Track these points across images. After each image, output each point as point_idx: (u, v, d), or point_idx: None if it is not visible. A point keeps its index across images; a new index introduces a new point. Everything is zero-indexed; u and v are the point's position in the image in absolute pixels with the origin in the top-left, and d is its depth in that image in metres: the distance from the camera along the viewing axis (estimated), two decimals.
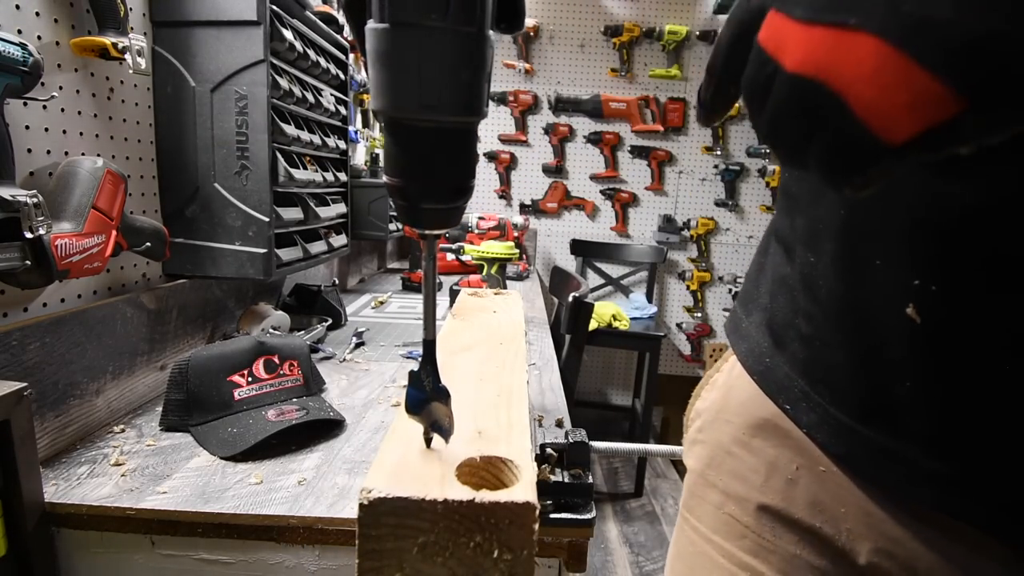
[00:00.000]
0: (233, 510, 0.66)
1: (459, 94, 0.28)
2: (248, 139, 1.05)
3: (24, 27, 0.76)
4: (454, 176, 0.31)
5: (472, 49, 0.27)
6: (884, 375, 0.36)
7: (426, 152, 0.30)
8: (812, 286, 0.41)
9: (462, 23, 0.26)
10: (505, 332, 0.72)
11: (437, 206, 0.31)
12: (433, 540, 0.33)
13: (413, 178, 0.30)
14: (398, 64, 0.27)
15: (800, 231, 0.42)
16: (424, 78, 0.27)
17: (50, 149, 0.81)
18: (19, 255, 0.70)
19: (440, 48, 0.26)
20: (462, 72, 0.27)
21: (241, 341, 0.92)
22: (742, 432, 0.45)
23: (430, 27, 0.26)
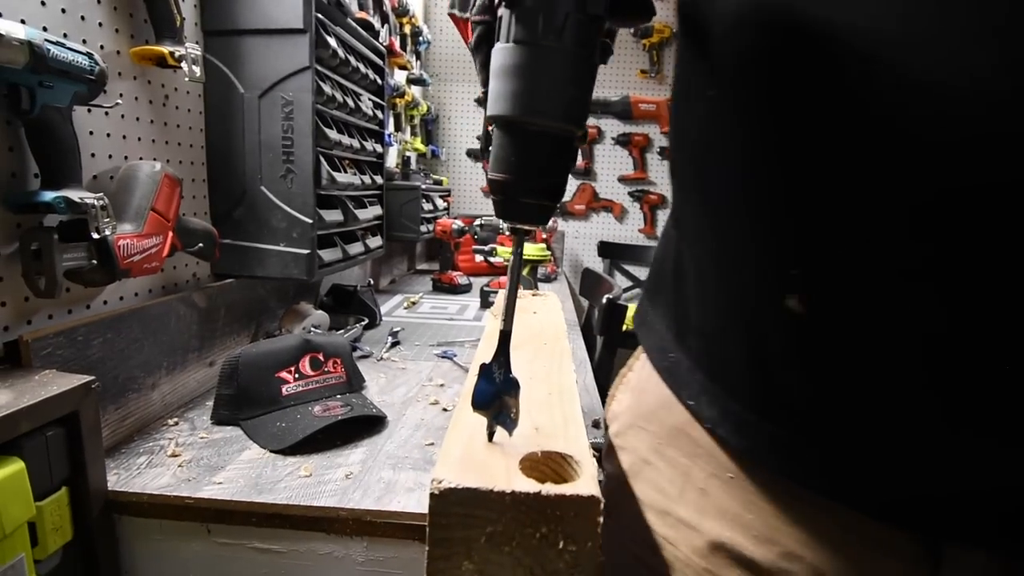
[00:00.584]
0: (285, 501, 0.68)
1: (564, 105, 0.32)
2: (293, 143, 1.08)
3: (88, 37, 0.80)
4: (550, 176, 0.35)
5: (578, 68, 0.31)
6: (771, 367, 0.36)
7: (530, 152, 0.34)
8: (702, 275, 0.41)
9: (572, 46, 0.31)
10: (548, 332, 0.73)
11: (532, 201, 0.35)
12: (500, 530, 0.34)
13: (515, 174, 0.34)
14: (518, 75, 0.32)
15: (689, 215, 0.42)
16: (537, 87, 0.31)
17: (111, 154, 0.85)
18: (86, 255, 0.73)
19: (553, 64, 0.31)
20: (569, 86, 0.32)
21: (288, 339, 0.95)
22: (657, 441, 0.46)
23: (547, 47, 0.31)
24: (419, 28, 2.51)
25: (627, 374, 0.53)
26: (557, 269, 2.69)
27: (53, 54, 0.65)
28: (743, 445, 0.38)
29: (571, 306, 2.00)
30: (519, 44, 0.31)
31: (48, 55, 0.65)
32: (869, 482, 0.33)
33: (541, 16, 0.30)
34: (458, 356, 1.31)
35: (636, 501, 0.46)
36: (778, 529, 0.37)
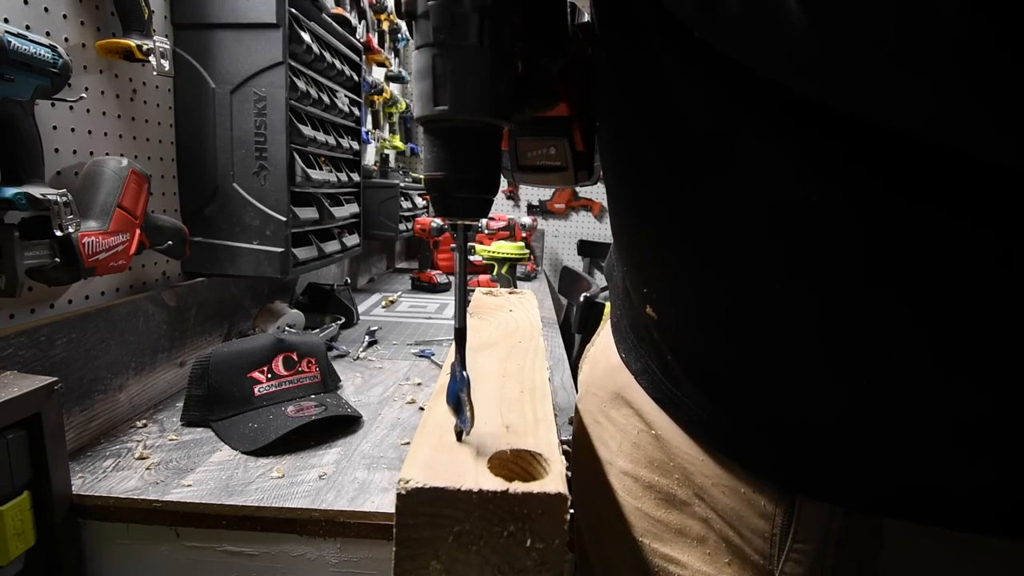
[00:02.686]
0: (257, 503, 0.67)
1: (472, 96, 0.33)
2: (266, 140, 1.07)
3: (52, 29, 0.78)
4: (480, 169, 0.36)
5: (480, 61, 0.33)
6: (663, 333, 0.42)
7: (453, 148, 0.35)
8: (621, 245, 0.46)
9: (471, 42, 0.32)
10: (523, 330, 0.73)
11: (467, 196, 0.36)
12: (468, 529, 0.34)
13: (445, 170, 0.35)
14: (425, 76, 0.33)
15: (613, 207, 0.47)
16: (440, 83, 0.33)
17: (76, 149, 0.83)
18: (48, 252, 0.71)
19: (453, 60, 0.33)
20: (473, 79, 0.33)
21: (260, 338, 0.93)
22: (603, 404, 0.52)
23: (444, 45, 0.32)
24: (397, 25, 2.49)
25: (590, 349, 0.60)
26: (537, 268, 2.69)
27: (14, 46, 0.63)
28: (657, 396, 0.45)
29: (550, 304, 2.00)
30: (421, 48, 0.33)
31: (8, 47, 0.63)
32: (742, 439, 0.39)
33: (434, 17, 0.32)
34: (436, 355, 1.31)
35: (587, 452, 0.54)
36: (689, 473, 0.43)
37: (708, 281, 0.36)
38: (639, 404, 0.47)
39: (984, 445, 0.30)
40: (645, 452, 0.47)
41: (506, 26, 0.34)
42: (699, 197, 0.34)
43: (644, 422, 0.47)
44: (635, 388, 0.48)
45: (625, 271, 0.47)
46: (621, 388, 0.50)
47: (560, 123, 0.48)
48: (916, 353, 0.29)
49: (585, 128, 0.48)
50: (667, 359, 0.43)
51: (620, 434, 0.50)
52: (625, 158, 0.40)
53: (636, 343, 0.48)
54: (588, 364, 0.58)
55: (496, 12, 0.33)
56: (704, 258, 0.35)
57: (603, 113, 0.42)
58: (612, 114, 0.40)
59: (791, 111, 0.27)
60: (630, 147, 0.39)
